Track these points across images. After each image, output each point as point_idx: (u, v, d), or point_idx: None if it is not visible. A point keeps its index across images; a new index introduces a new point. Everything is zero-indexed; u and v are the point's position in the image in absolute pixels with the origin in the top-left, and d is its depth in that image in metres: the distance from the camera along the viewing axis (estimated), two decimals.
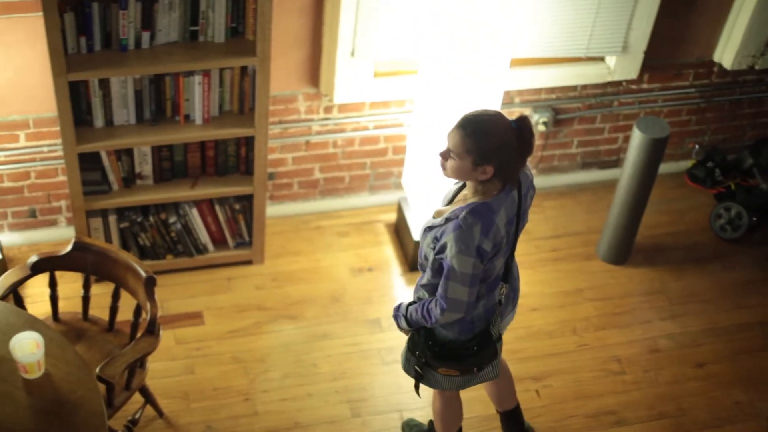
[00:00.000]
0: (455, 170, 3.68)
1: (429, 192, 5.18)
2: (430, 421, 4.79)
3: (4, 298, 4.22)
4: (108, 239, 5.26)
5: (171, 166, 5.14)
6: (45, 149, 5.19)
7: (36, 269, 4.36)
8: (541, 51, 5.40)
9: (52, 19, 4.33)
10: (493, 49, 4.80)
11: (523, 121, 3.64)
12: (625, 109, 5.95)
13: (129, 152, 5.03)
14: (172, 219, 5.26)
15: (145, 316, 4.23)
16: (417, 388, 4.17)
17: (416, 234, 5.40)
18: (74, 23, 4.53)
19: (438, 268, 3.81)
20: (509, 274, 3.98)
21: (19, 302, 4.37)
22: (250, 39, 4.78)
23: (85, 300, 4.49)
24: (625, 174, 5.40)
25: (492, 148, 3.60)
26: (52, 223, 5.52)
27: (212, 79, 4.85)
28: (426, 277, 3.93)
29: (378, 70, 5.38)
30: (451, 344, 3.99)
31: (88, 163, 5.01)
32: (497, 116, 3.64)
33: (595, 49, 5.50)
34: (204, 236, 5.38)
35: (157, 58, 4.67)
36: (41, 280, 4.98)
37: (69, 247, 4.35)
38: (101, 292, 5.07)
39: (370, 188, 5.87)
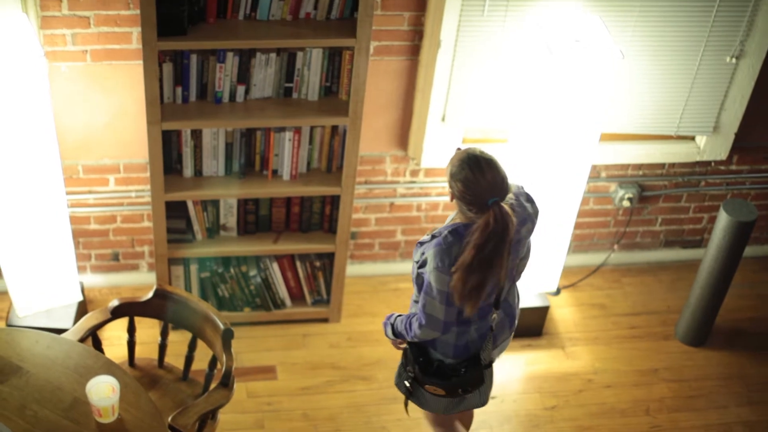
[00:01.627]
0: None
1: None
2: None
3: (83, 340, 4.25)
4: (188, 288, 5.30)
5: (255, 219, 5.18)
6: (133, 194, 5.25)
7: (116, 314, 4.38)
8: (632, 127, 5.38)
9: (152, 68, 4.41)
10: (583, 123, 4.79)
11: (493, 208, 3.64)
12: (711, 189, 5.89)
13: (215, 203, 5.08)
14: (253, 272, 5.29)
15: (220, 368, 4.24)
16: (406, 405, 4.23)
17: None
18: (172, 73, 4.62)
19: (421, 283, 3.88)
20: (504, 301, 3.99)
21: (97, 344, 4.41)
22: (343, 99, 4.82)
23: (162, 347, 4.50)
24: (709, 255, 5.33)
25: (459, 189, 3.68)
26: (134, 268, 5.58)
27: (303, 136, 4.89)
28: (415, 293, 4.00)
29: (467, 137, 5.39)
30: (440, 363, 4.03)
31: (174, 211, 5.06)
32: (488, 176, 3.65)
33: (685, 128, 5.46)
34: (283, 291, 5.40)
35: (250, 112, 4.72)
36: (120, 324, 5.04)
37: (150, 294, 4.38)
38: (177, 339, 5.10)
39: None
